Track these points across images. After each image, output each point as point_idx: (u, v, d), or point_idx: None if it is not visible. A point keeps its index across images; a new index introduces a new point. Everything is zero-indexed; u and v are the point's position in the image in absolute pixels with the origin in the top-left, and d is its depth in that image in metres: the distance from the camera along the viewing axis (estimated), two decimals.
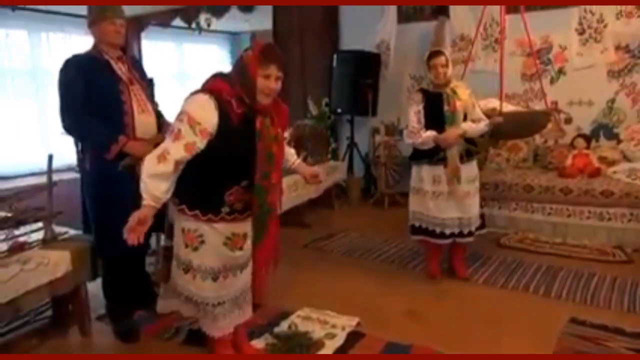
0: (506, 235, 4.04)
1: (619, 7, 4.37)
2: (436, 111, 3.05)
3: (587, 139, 4.35)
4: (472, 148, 3.13)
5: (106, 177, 2.46)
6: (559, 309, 2.79)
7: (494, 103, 3.65)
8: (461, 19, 5.11)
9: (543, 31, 4.61)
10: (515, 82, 4.80)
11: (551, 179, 4.09)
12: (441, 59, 3.01)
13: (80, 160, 2.60)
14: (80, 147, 2.63)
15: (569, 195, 3.88)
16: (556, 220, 3.97)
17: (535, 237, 3.98)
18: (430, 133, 3.05)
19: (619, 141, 4.41)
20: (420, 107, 3.11)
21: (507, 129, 3.46)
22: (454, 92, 3.04)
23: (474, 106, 3.09)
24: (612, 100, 4.49)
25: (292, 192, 4.28)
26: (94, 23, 2.50)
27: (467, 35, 5.11)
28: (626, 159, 4.19)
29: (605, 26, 4.46)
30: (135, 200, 2.50)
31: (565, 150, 4.41)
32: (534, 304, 2.90)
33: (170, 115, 2.87)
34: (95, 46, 2.53)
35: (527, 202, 4.07)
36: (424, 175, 3.17)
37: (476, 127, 3.08)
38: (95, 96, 2.42)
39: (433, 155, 3.09)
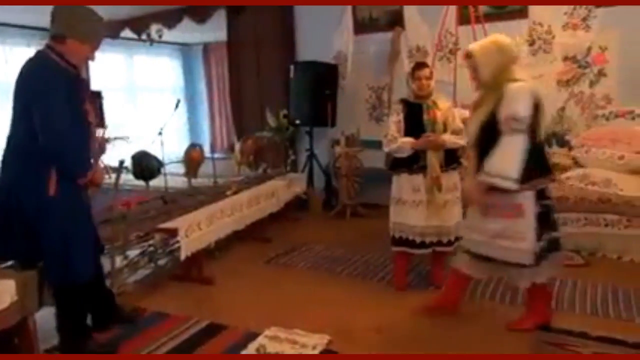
0: None
1: (565, 19, 4.55)
2: (416, 120, 3.10)
3: None
4: (453, 158, 3.18)
5: (78, 203, 2.36)
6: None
7: (465, 113, 3.78)
8: (416, 29, 5.18)
9: None
10: (471, 92, 4.90)
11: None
12: (426, 71, 3.08)
13: (38, 183, 2.29)
14: (38, 169, 2.29)
15: None
16: None
17: None
18: (408, 139, 3.09)
19: (570, 148, 4.56)
20: (401, 116, 3.17)
21: None
22: (434, 104, 3.12)
23: (454, 118, 3.15)
24: (562, 109, 4.65)
25: (252, 207, 4.17)
26: (80, 40, 2.30)
27: (422, 46, 5.18)
28: (578, 164, 4.32)
29: (553, 37, 4.63)
30: (93, 223, 2.39)
31: None
32: (502, 312, 2.91)
33: (119, 128, 2.74)
34: (63, 58, 2.31)
35: None
36: (403, 184, 3.18)
37: (455, 140, 3.10)
38: (73, 115, 2.26)
39: (412, 164, 3.11)
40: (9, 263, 2.42)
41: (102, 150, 2.64)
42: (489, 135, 2.40)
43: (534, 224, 2.43)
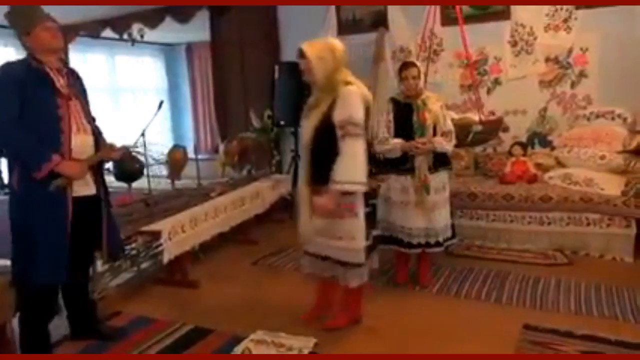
0: (453, 244, 4.08)
1: (547, 20, 4.59)
2: (405, 121, 3.10)
3: (524, 146, 4.51)
4: (443, 159, 3.19)
5: (35, 198, 2.24)
6: (512, 315, 2.83)
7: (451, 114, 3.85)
8: (400, 30, 5.19)
9: (479, 43, 4.76)
10: (455, 93, 4.94)
11: (492, 186, 4.20)
12: (413, 71, 3.06)
13: (10, 179, 2.33)
14: (9, 165, 2.35)
15: (511, 201, 3.99)
16: (500, 227, 4.05)
17: (481, 244, 4.06)
18: (398, 140, 3.09)
19: (553, 148, 4.61)
20: (390, 116, 3.17)
21: (484, 135, 3.83)
22: (424, 104, 3.08)
23: (445, 118, 3.14)
24: (545, 109, 4.70)
25: (237, 208, 4.13)
26: (25, 33, 2.28)
27: (406, 47, 5.19)
28: (560, 164, 4.37)
29: (535, 39, 4.67)
30: (65, 225, 2.30)
31: (504, 158, 4.56)
32: (488, 311, 2.92)
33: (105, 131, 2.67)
34: (32, 55, 2.30)
35: (472, 210, 4.14)
36: (391, 185, 3.19)
37: (444, 146, 3.11)
38: (30, 110, 2.20)
39: (400, 165, 3.11)
40: None
41: (115, 157, 2.64)
42: (323, 137, 2.45)
43: (364, 224, 2.53)
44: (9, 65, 2.30)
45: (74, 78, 2.48)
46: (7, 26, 2.37)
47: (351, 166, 2.39)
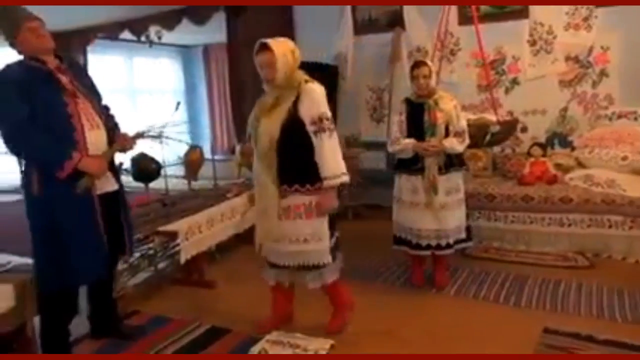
0: (469, 247, 4.03)
1: (567, 19, 4.52)
2: (417, 121, 3.07)
3: (543, 147, 4.44)
4: (457, 160, 3.15)
5: (61, 201, 2.21)
6: (531, 318, 2.78)
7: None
8: (417, 30, 5.15)
9: (497, 42, 4.70)
10: (472, 93, 4.89)
11: (511, 187, 4.13)
12: (424, 70, 3.03)
13: (26, 183, 2.28)
14: (25, 169, 2.32)
15: (530, 202, 3.93)
16: (518, 228, 3.99)
17: (499, 246, 4.00)
18: (409, 141, 3.07)
19: (573, 148, 4.53)
20: (403, 116, 3.16)
21: (501, 135, 3.95)
22: (436, 103, 3.05)
23: (458, 118, 3.10)
24: (565, 109, 4.62)
25: (253, 209, 4.12)
26: (12, 37, 2.23)
27: (423, 47, 5.15)
28: (580, 165, 4.29)
29: (554, 38, 4.60)
30: (96, 220, 2.31)
31: (523, 159, 4.49)
32: (506, 314, 2.88)
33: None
34: (29, 56, 2.26)
35: (490, 211, 4.08)
36: (402, 185, 3.18)
37: (457, 146, 3.07)
38: (39, 111, 2.16)
39: (412, 165, 3.09)
40: (10, 265, 2.41)
41: (130, 146, 2.56)
42: (291, 134, 2.43)
43: (328, 223, 2.53)
44: (7, 67, 2.24)
45: (77, 73, 2.41)
46: None
47: (334, 159, 2.45)
